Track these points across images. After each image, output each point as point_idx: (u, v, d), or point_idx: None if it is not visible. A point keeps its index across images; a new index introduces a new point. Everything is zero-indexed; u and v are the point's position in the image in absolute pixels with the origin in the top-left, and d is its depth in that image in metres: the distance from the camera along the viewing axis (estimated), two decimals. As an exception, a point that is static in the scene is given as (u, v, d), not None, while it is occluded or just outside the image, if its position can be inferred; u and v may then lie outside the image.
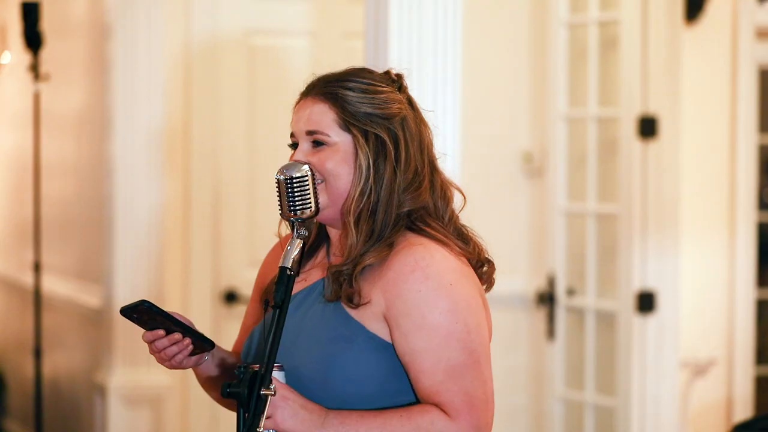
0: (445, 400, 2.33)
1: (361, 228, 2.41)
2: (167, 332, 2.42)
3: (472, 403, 2.34)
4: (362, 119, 2.42)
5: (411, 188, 2.43)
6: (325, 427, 2.31)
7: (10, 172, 7.25)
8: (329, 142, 2.43)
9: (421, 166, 2.45)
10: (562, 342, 5.43)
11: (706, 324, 5.54)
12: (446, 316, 2.34)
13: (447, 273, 2.36)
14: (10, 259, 7.25)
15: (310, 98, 2.46)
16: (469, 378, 2.35)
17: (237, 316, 5.56)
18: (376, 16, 3.71)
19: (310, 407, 2.31)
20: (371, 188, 2.41)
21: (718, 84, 5.54)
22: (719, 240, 5.54)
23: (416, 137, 2.46)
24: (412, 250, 2.38)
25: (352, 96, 2.43)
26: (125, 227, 5.39)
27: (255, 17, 5.65)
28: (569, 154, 5.44)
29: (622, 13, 5.18)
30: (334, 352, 2.36)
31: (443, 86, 3.69)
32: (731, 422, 5.40)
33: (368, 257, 2.38)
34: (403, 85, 2.52)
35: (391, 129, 2.43)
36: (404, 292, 2.35)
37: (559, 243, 5.43)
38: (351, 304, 2.37)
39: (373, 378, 2.36)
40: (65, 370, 6.17)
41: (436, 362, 2.33)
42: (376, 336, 2.36)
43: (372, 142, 2.42)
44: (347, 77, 2.47)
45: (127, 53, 5.38)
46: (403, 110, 2.46)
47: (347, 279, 2.38)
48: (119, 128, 5.39)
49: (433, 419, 2.32)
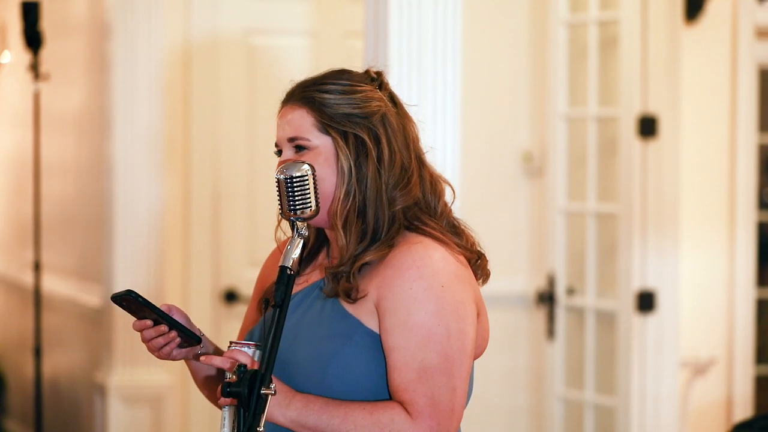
0: (410, 399, 2.33)
1: (351, 229, 2.41)
2: (155, 323, 2.43)
3: (435, 408, 2.33)
4: (340, 120, 2.42)
5: (400, 185, 2.43)
6: (289, 408, 2.33)
7: (10, 172, 7.25)
8: (310, 146, 2.43)
9: (408, 162, 2.45)
10: (562, 342, 5.43)
11: (706, 323, 5.53)
12: (430, 317, 2.34)
13: (441, 274, 2.36)
14: (10, 259, 7.25)
15: (289, 105, 2.48)
16: (438, 382, 2.33)
17: (237, 315, 5.57)
18: (376, 15, 3.71)
19: (277, 387, 2.31)
20: (355, 189, 2.41)
21: (718, 83, 5.54)
22: (719, 239, 5.54)
23: (399, 133, 2.46)
24: (411, 248, 2.38)
25: (329, 98, 2.44)
26: (125, 227, 5.39)
27: (255, 16, 5.65)
28: (569, 154, 5.44)
29: (622, 12, 5.18)
30: (332, 348, 2.36)
31: (443, 85, 3.69)
32: (731, 422, 5.40)
33: (368, 255, 2.39)
34: (384, 82, 2.52)
35: (371, 128, 2.43)
36: (395, 289, 2.35)
37: (559, 242, 5.43)
38: (349, 299, 2.38)
39: (371, 374, 2.36)
40: (65, 370, 6.17)
41: (410, 361, 2.33)
42: (372, 332, 2.37)
43: (351, 142, 2.42)
44: (324, 80, 2.47)
45: (127, 53, 5.38)
46: (382, 107, 2.46)
47: (345, 276, 2.39)
48: (119, 127, 5.39)
49: (394, 416, 2.32)
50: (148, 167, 5.39)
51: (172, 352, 2.48)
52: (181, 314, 2.48)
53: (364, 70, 2.54)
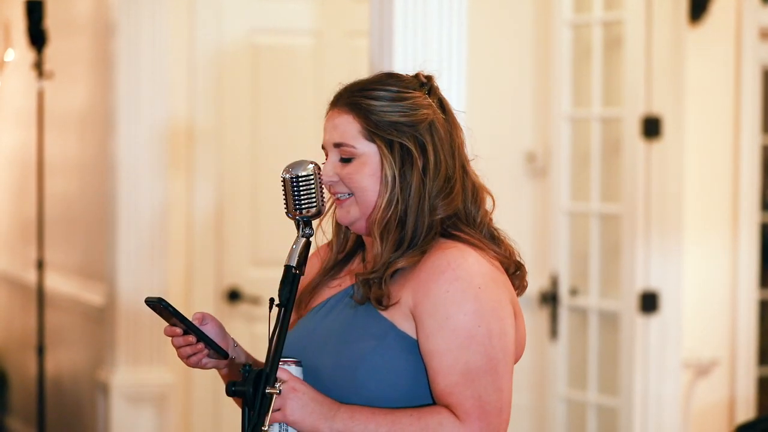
0: (456, 402, 2.30)
1: (387, 238, 2.38)
2: (184, 333, 2.42)
3: (483, 409, 2.30)
4: (386, 129, 2.39)
5: (443, 194, 2.40)
6: (335, 420, 2.30)
7: (13, 170, 7.26)
8: (356, 154, 2.40)
9: (452, 171, 2.43)
10: (564, 342, 5.44)
11: (709, 324, 5.53)
12: (470, 318, 2.31)
13: (477, 276, 2.34)
14: (14, 257, 7.26)
15: (336, 109, 2.44)
16: (484, 383, 2.31)
17: (240, 314, 5.57)
18: (381, 15, 3.71)
19: (320, 399, 2.31)
20: (398, 198, 2.38)
21: (722, 84, 5.54)
22: (722, 240, 5.54)
23: (446, 141, 2.44)
24: (445, 252, 2.35)
25: (377, 105, 2.40)
26: (129, 225, 5.39)
27: (259, 16, 5.65)
28: (573, 154, 5.44)
29: (626, 13, 5.18)
30: (364, 350, 2.34)
31: (448, 85, 3.68)
32: (734, 423, 5.40)
33: (400, 262, 2.36)
34: (434, 87, 2.48)
35: (417, 137, 2.40)
36: (432, 291, 2.33)
37: (563, 243, 5.43)
38: (380, 306, 2.36)
39: (404, 379, 2.34)
40: (68, 368, 6.18)
41: (454, 363, 2.30)
42: (406, 335, 2.35)
43: (397, 151, 2.39)
44: (372, 85, 2.44)
45: (131, 51, 5.38)
46: (430, 115, 2.42)
47: (377, 282, 2.36)
48: (123, 126, 5.39)
49: (443, 420, 2.30)
50: (151, 166, 5.39)
51: (201, 360, 2.47)
52: (214, 324, 2.47)
53: (414, 74, 2.50)
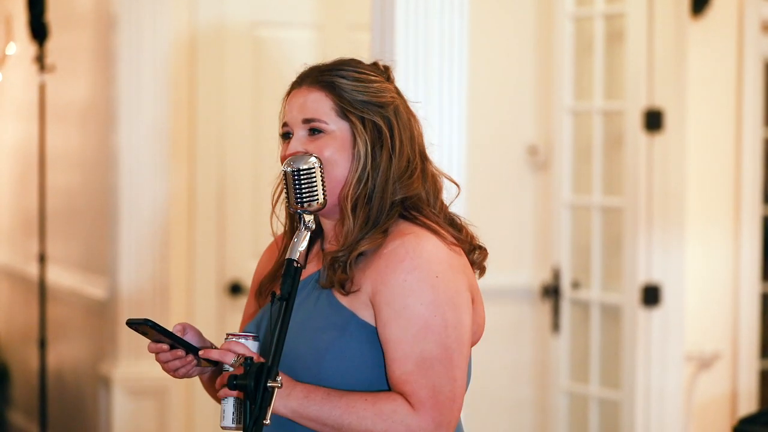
0: (411, 390, 2.34)
1: (358, 214, 2.43)
2: (171, 347, 2.43)
3: (437, 399, 2.34)
4: (359, 107, 2.45)
5: (404, 176, 2.46)
6: (289, 398, 2.33)
7: (15, 164, 7.25)
8: (327, 130, 2.45)
9: (413, 155, 2.48)
10: (567, 335, 5.43)
11: (711, 317, 5.53)
12: (426, 307, 2.35)
13: (435, 264, 2.37)
14: (16, 251, 7.26)
15: (304, 87, 2.49)
16: (438, 373, 2.34)
17: (241, 307, 5.57)
18: (382, 8, 3.70)
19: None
20: (368, 175, 2.43)
21: (724, 78, 5.53)
22: (724, 233, 5.54)
23: (407, 126, 2.50)
24: (404, 239, 2.39)
25: (347, 84, 2.46)
26: (130, 219, 5.39)
27: (260, 9, 5.64)
28: (575, 147, 5.43)
29: (628, 6, 5.18)
30: (327, 340, 2.37)
31: (449, 78, 3.68)
32: (736, 416, 5.40)
33: (363, 243, 2.40)
34: (391, 77, 2.56)
35: (386, 117, 2.47)
36: (390, 280, 2.36)
37: (564, 236, 5.43)
38: (342, 290, 2.39)
39: (366, 366, 2.37)
40: (70, 362, 6.18)
41: (409, 352, 2.34)
42: (366, 324, 2.38)
43: (370, 129, 2.45)
44: (340, 66, 2.50)
45: (133, 44, 5.37)
46: (396, 99, 2.50)
47: (342, 266, 2.40)
48: (124, 119, 5.39)
49: (397, 408, 2.33)
50: (153, 159, 5.39)
51: (190, 371, 2.49)
52: (194, 332, 2.50)
53: (372, 62, 2.57)
